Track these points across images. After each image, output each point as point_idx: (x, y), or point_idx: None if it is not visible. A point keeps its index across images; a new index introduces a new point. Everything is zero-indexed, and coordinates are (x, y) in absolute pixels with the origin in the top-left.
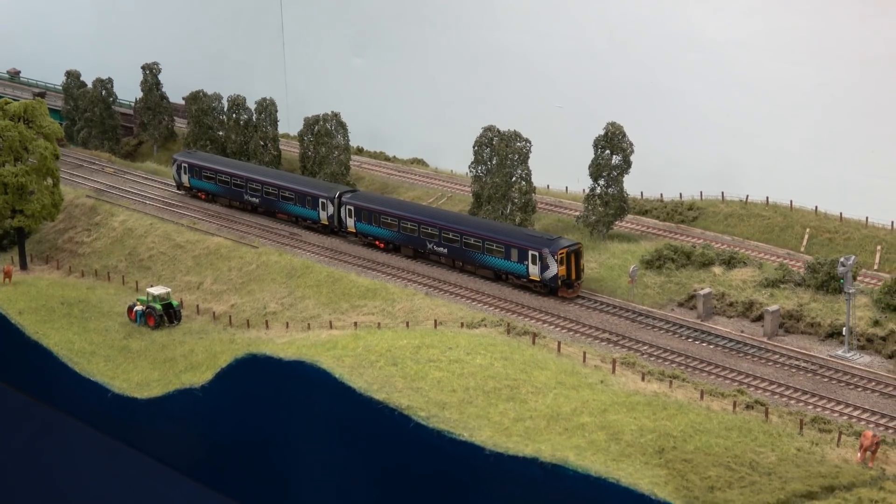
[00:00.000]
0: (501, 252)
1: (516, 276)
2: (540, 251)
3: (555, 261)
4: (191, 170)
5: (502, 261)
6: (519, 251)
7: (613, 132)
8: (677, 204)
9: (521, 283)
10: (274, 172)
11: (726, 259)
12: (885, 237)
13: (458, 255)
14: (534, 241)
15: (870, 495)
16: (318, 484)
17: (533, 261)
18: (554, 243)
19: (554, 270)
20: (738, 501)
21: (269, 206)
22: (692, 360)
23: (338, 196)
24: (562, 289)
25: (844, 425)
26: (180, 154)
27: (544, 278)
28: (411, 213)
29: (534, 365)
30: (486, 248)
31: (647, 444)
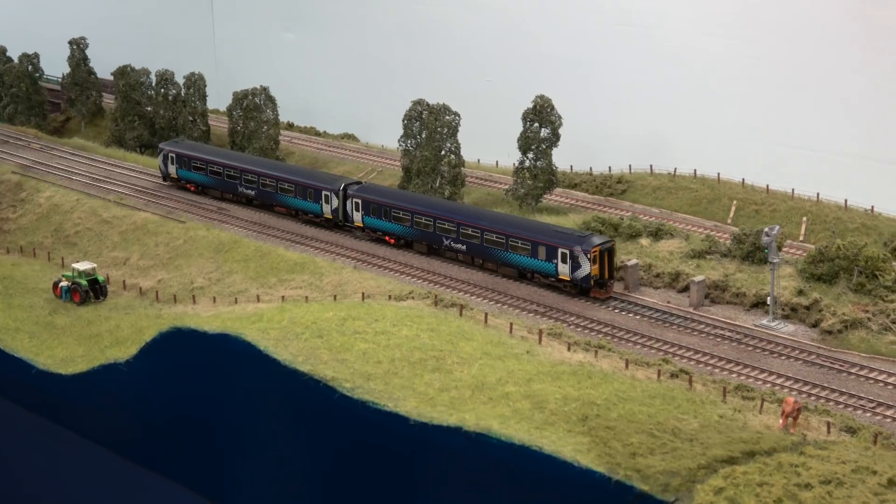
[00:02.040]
0: (527, 250)
1: (543, 275)
2: (571, 249)
3: (587, 259)
4: (178, 160)
5: (528, 259)
6: (547, 249)
7: (542, 105)
8: (606, 177)
9: (548, 283)
10: (271, 163)
11: (653, 231)
12: (810, 209)
13: (479, 252)
14: (564, 239)
15: (790, 460)
16: (247, 455)
17: (563, 259)
18: (586, 240)
19: (586, 270)
20: (660, 467)
21: (266, 198)
22: (618, 330)
23: (343, 188)
24: (594, 289)
25: (768, 393)
26: (167, 143)
27: (575, 278)
28: (426, 208)
29: (460, 336)
30: (509, 245)
31: (570, 413)
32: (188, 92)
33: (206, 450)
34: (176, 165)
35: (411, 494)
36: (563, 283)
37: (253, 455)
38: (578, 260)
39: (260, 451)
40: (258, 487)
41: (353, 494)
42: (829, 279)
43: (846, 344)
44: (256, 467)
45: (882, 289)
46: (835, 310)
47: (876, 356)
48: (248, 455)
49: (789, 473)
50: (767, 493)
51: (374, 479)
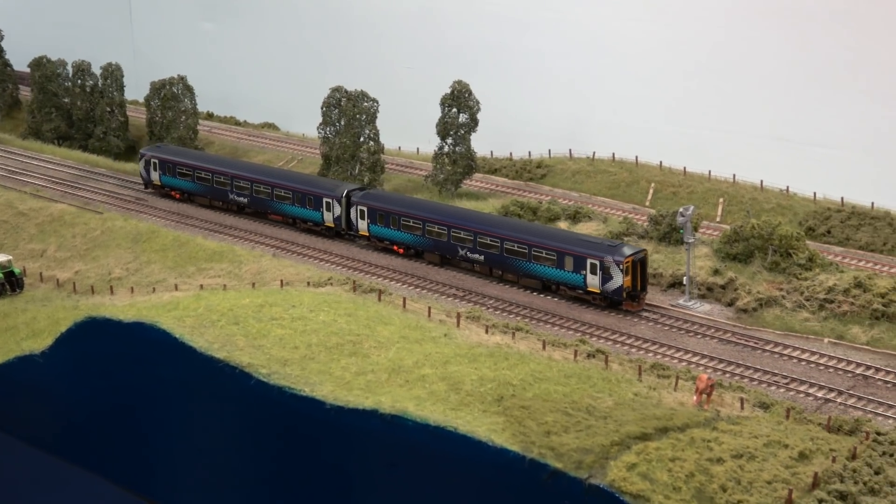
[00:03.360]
0: (552, 260)
1: (570, 287)
2: (601, 259)
3: (620, 270)
4: (162, 166)
5: (553, 270)
6: (575, 259)
7: (460, 90)
8: (526, 162)
9: (575, 296)
10: (265, 168)
11: (571, 214)
12: (727, 190)
13: (498, 263)
14: (593, 248)
15: (702, 435)
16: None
17: (592, 270)
18: (617, 250)
19: (619, 281)
20: (574, 445)
21: (260, 206)
22: (537, 312)
23: (346, 195)
24: (626, 301)
25: (683, 371)
26: (149, 148)
27: (606, 290)
28: (440, 216)
29: (378, 321)
30: (532, 255)
31: (486, 393)
32: (105, 83)
33: (125, 440)
34: (159, 172)
35: (329, 478)
36: (593, 296)
37: (173, 444)
38: (610, 271)
39: (179, 440)
40: (180, 476)
41: (273, 479)
42: (745, 258)
43: (761, 322)
44: (177, 456)
45: (796, 267)
46: (750, 288)
47: (790, 333)
48: (168, 444)
49: (701, 448)
50: (679, 468)
51: (293, 463)
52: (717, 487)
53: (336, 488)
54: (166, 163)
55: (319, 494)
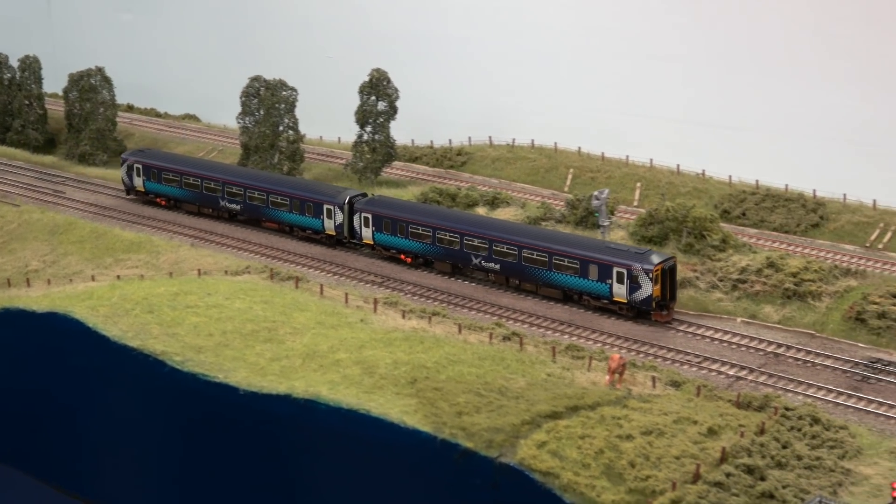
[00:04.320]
0: (575, 269)
1: (594, 296)
2: (629, 268)
3: (649, 279)
4: (146, 171)
5: (576, 279)
6: (600, 268)
7: (378, 78)
8: (446, 150)
9: (599, 306)
10: (260, 174)
11: (490, 200)
12: (644, 174)
13: (515, 272)
14: (619, 255)
15: (613, 412)
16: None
17: (619, 279)
18: (645, 258)
19: (648, 291)
20: (485, 424)
21: (255, 213)
22: (454, 297)
23: (348, 201)
24: (656, 312)
25: (597, 352)
26: (132, 153)
27: (634, 300)
28: (451, 222)
29: (294, 307)
30: (553, 263)
31: (400, 376)
32: (23, 75)
33: (41, 431)
34: (143, 177)
35: (244, 462)
36: (619, 306)
37: (89, 433)
38: (638, 280)
39: (95, 429)
40: (97, 465)
41: (190, 465)
42: (660, 240)
43: (676, 303)
44: (93, 445)
45: (710, 248)
46: None
47: (704, 313)
48: (84, 433)
49: (611, 426)
50: (589, 445)
51: (209, 449)
52: (626, 463)
53: (251, 473)
54: (151, 168)
55: (235, 479)
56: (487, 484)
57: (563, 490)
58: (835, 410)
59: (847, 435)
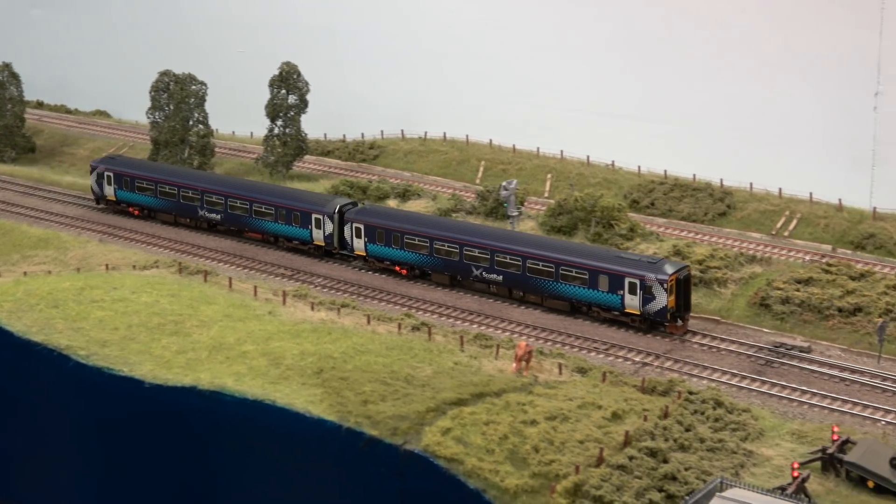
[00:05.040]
0: (583, 279)
1: (605, 308)
2: (642, 278)
3: (663, 289)
4: (118, 179)
5: (585, 290)
6: (610, 278)
7: (288, 71)
8: (359, 143)
9: (610, 318)
10: (243, 182)
11: (401, 192)
12: (555, 166)
13: (519, 283)
14: (631, 265)
15: (518, 399)
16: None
17: (631, 290)
18: (658, 267)
19: (662, 302)
20: (390, 412)
21: (237, 223)
22: (364, 288)
23: (338, 211)
24: (671, 323)
25: (506, 340)
26: (102, 160)
27: (647, 311)
28: (450, 232)
29: (202, 300)
30: (560, 274)
31: (306, 367)
32: None
33: None
34: (115, 186)
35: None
36: (631, 318)
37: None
38: (652, 290)
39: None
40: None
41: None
42: (569, 230)
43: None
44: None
45: (618, 237)
46: None
47: None
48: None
49: (516, 412)
50: (493, 431)
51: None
52: (530, 448)
53: (162, 465)
54: (123, 176)
55: (147, 472)
56: (393, 471)
57: (468, 476)
58: (738, 394)
59: (750, 417)
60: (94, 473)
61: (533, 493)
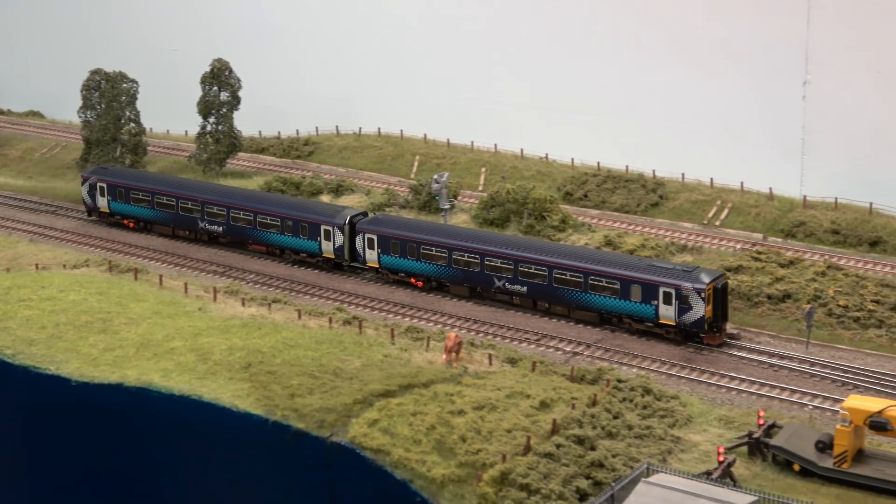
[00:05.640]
0: (614, 289)
1: (637, 319)
2: (678, 287)
3: (701, 299)
4: (112, 190)
5: (616, 300)
6: (643, 288)
7: (219, 68)
8: (294, 140)
9: (643, 329)
10: (246, 192)
11: (334, 187)
12: (489, 159)
13: (545, 294)
14: (665, 274)
15: (446, 389)
16: None
17: (666, 300)
18: (694, 276)
19: (700, 312)
20: (317, 405)
21: (240, 235)
22: (296, 284)
23: (349, 221)
24: (708, 335)
25: (437, 332)
26: (93, 170)
27: (684, 322)
28: (470, 242)
29: (131, 298)
30: (589, 284)
31: (234, 362)
32: None
33: None
34: (108, 197)
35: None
36: (666, 329)
37: None
38: (689, 300)
39: None
40: None
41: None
42: (502, 223)
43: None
44: None
45: (550, 229)
46: None
47: None
48: None
49: (444, 402)
50: (420, 422)
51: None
52: (458, 438)
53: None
54: (117, 187)
55: (72, 470)
56: (320, 464)
57: (394, 466)
58: (668, 381)
59: (678, 404)
60: (22, 472)
61: (460, 483)
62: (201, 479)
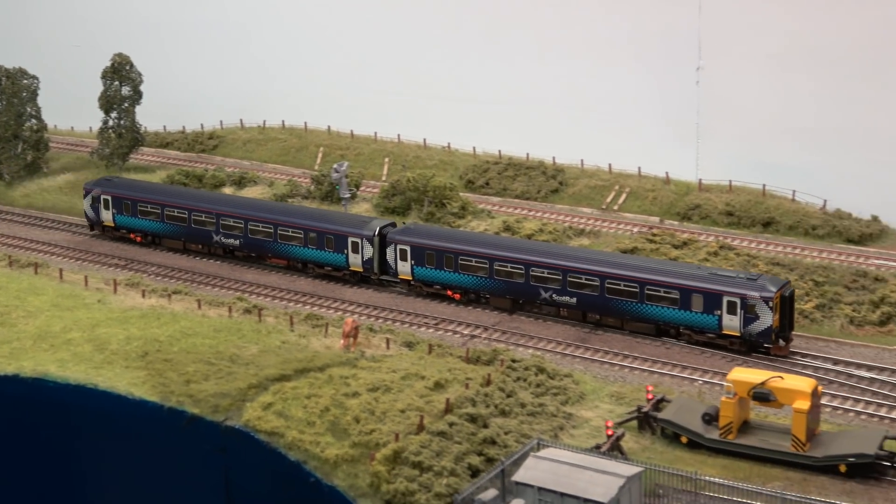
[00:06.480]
0: (673, 299)
1: (698, 330)
2: (744, 296)
3: (769, 308)
4: (117, 203)
5: (675, 311)
6: (706, 297)
7: (120, 63)
8: (198, 134)
9: (704, 340)
10: (264, 204)
11: (236, 180)
12: (392, 150)
13: (597, 306)
14: (729, 284)
15: (341, 373)
16: None
17: (730, 309)
18: (760, 284)
19: (767, 322)
20: (212, 391)
21: (258, 249)
22: (198, 275)
23: (378, 233)
24: (775, 345)
25: (337, 319)
26: (96, 182)
27: (749, 333)
28: (514, 252)
29: (30, 292)
30: (646, 294)
31: (131, 351)
32: None
33: None
34: (113, 210)
35: None
36: (730, 340)
37: None
38: (756, 310)
39: None
40: None
41: None
42: (403, 211)
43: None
44: None
45: (450, 216)
46: None
47: None
48: None
49: (339, 385)
50: (315, 404)
51: None
52: (351, 419)
53: None
54: (123, 199)
55: None
56: (215, 448)
57: (288, 448)
58: (562, 361)
59: (571, 382)
60: None
61: (353, 462)
62: (98, 466)
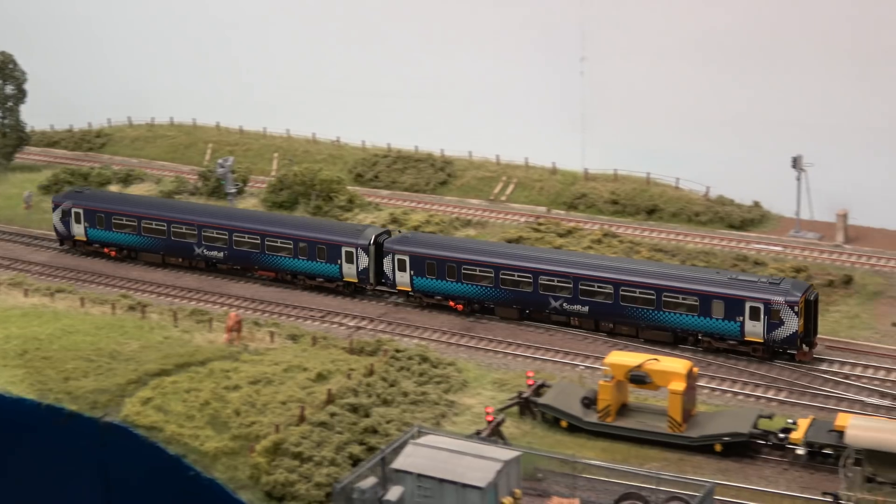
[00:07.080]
0: (692, 306)
1: (719, 337)
2: (767, 301)
3: (794, 314)
4: (89, 216)
5: (695, 318)
6: (727, 303)
7: (3, 61)
8: (86, 132)
9: (725, 347)
10: (249, 213)
11: (123, 177)
12: (281, 144)
13: (611, 314)
14: (751, 289)
15: (222, 366)
16: None
17: (753, 315)
18: (783, 289)
19: (792, 327)
20: (91, 387)
21: (245, 261)
22: (83, 273)
23: (374, 242)
24: (799, 351)
25: (222, 314)
26: (66, 195)
27: (773, 338)
28: (521, 261)
29: None
30: (663, 301)
31: (9, 350)
32: None
33: None
34: (85, 224)
35: None
36: (753, 347)
37: None
38: (780, 315)
39: None
40: None
41: None
42: (290, 205)
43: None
44: None
45: (337, 209)
46: None
47: None
48: None
49: (219, 378)
50: (195, 398)
51: None
52: (231, 412)
53: None
54: (95, 212)
55: None
56: (94, 444)
57: (167, 442)
58: (447, 350)
59: (454, 370)
60: None
61: (233, 455)
62: None
